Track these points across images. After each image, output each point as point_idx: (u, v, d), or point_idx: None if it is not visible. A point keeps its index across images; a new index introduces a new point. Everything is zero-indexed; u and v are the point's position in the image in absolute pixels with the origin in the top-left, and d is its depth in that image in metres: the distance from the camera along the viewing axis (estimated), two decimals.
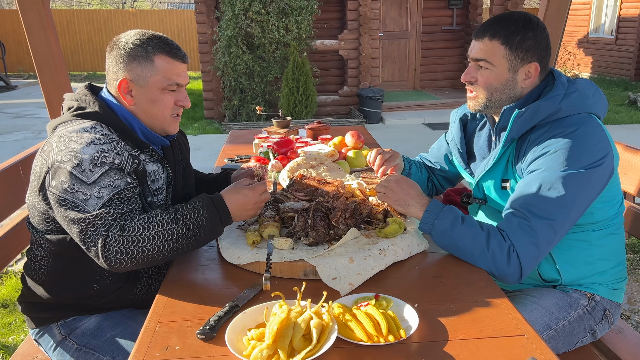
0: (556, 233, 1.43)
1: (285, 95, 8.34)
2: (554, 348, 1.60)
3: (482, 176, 1.67)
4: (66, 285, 1.56)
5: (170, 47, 1.53)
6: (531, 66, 1.56)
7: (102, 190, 1.36)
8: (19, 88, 13.85)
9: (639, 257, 3.76)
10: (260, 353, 1.04)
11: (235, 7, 8.13)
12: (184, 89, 1.60)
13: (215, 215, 1.42)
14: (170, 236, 1.36)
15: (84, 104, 1.52)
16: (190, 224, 1.39)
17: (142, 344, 1.13)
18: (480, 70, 1.59)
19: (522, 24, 1.54)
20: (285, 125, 3.10)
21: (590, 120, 1.52)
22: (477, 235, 1.44)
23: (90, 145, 1.38)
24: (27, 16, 2.65)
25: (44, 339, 1.61)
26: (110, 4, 26.03)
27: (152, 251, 1.36)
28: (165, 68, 1.52)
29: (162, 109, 1.55)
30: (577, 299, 1.62)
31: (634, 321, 2.98)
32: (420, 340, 1.12)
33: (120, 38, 1.54)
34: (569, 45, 14.76)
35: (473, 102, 1.66)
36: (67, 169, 1.36)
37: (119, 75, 1.52)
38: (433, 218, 1.48)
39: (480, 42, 1.58)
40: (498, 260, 1.42)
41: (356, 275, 1.35)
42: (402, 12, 10.38)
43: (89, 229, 1.34)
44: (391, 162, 1.83)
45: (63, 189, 1.36)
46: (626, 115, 9.12)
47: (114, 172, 1.39)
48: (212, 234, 1.43)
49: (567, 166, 1.44)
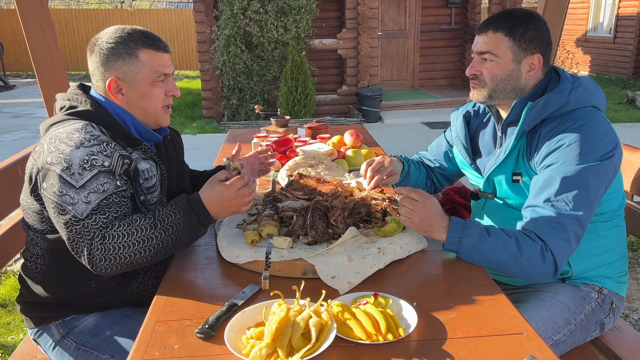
0: (583, 227, 1.45)
1: (284, 94, 8.34)
2: (573, 343, 1.62)
3: (493, 170, 1.68)
4: (63, 283, 1.56)
5: (152, 39, 1.53)
6: (534, 58, 1.59)
7: (91, 195, 1.37)
8: (18, 87, 13.83)
9: (637, 255, 3.77)
10: (259, 352, 1.04)
11: (233, 6, 8.12)
12: (171, 78, 1.60)
13: (193, 218, 1.40)
14: (151, 241, 1.37)
15: (76, 103, 1.52)
16: (169, 227, 1.38)
17: (141, 343, 1.13)
18: (485, 63, 1.62)
19: (524, 17, 1.59)
20: (284, 125, 3.10)
21: (597, 113, 1.55)
22: (507, 244, 1.42)
23: (79, 147, 1.38)
24: (25, 15, 2.64)
25: (42, 338, 1.61)
26: (108, 3, 25.99)
27: (134, 256, 1.37)
28: (150, 61, 1.52)
29: (154, 102, 1.55)
30: (588, 292, 1.64)
31: (633, 319, 2.99)
32: (419, 338, 1.12)
33: (99, 38, 1.52)
34: (568, 44, 14.77)
35: (477, 93, 1.67)
36: (57, 171, 1.37)
37: (106, 76, 1.51)
38: (459, 237, 1.43)
39: (484, 36, 1.61)
40: (534, 264, 1.42)
41: (355, 274, 1.35)
42: (401, 11, 10.38)
43: (76, 237, 1.36)
44: (382, 172, 1.82)
45: (52, 191, 1.37)
46: (624, 113, 9.13)
47: (103, 175, 1.39)
48: (192, 235, 1.42)
49: (584, 159, 1.46)
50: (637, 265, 3.62)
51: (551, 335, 1.54)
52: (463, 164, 1.88)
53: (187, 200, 1.42)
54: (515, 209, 1.65)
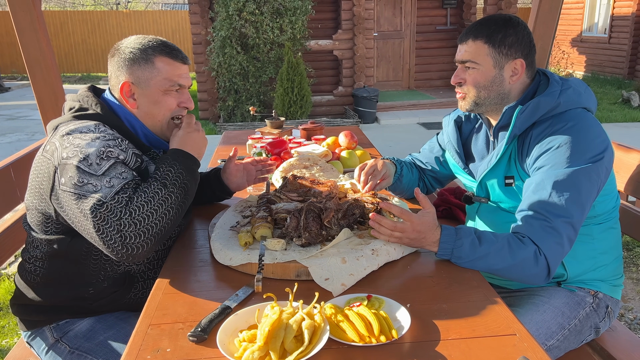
0: (576, 229, 1.46)
1: (280, 95, 8.33)
2: (566, 348, 1.62)
3: (485, 174, 1.68)
4: (60, 287, 1.56)
5: (170, 49, 1.55)
6: (517, 62, 1.59)
7: (113, 180, 1.37)
8: (13, 90, 13.78)
9: (632, 255, 3.78)
10: (251, 355, 1.03)
11: (229, 7, 8.12)
12: (187, 90, 1.61)
13: (188, 163, 1.50)
14: (170, 200, 1.41)
15: (86, 105, 1.53)
16: (175, 181, 1.44)
17: (133, 346, 1.12)
18: (468, 71, 1.63)
19: (502, 23, 1.59)
20: (278, 126, 3.09)
21: (587, 115, 1.56)
22: (499, 250, 1.42)
23: (95, 140, 1.40)
24: (18, 17, 2.63)
25: (36, 341, 1.60)
26: (104, 5, 25.95)
27: (162, 221, 1.39)
28: (166, 70, 1.53)
29: (163, 110, 1.56)
30: (583, 297, 1.64)
31: (628, 319, 2.99)
32: (412, 340, 1.12)
33: (121, 43, 1.56)
34: (563, 44, 14.82)
35: (463, 102, 1.68)
36: (74, 163, 1.36)
37: (120, 79, 1.54)
38: (451, 247, 1.44)
39: (465, 45, 1.63)
40: (526, 267, 1.43)
41: (348, 276, 1.35)
42: (396, 12, 10.40)
43: (102, 224, 1.31)
44: (376, 176, 1.81)
45: (72, 183, 1.36)
46: (620, 113, 9.17)
47: (120, 165, 1.41)
48: (194, 181, 1.51)
49: (575, 161, 1.46)
50: (632, 265, 3.64)
51: (545, 341, 1.53)
52: (456, 168, 1.88)
53: (175, 152, 1.51)
54: (509, 212, 1.65)
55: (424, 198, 1.50)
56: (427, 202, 1.49)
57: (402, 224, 1.44)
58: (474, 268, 1.44)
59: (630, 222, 2.02)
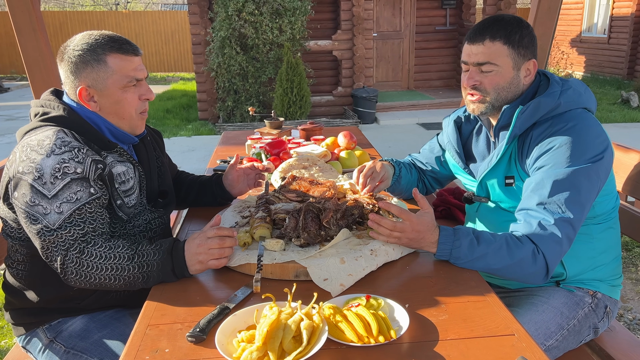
0: (575, 229, 1.46)
1: (280, 96, 8.33)
2: (565, 348, 1.61)
3: (485, 174, 1.68)
4: (45, 288, 1.56)
5: (120, 44, 1.50)
6: (530, 63, 1.59)
7: (63, 206, 1.36)
8: (12, 90, 13.77)
9: (631, 255, 3.78)
10: (250, 355, 1.03)
11: (228, 8, 8.11)
12: (145, 82, 1.57)
13: (167, 265, 1.38)
14: (124, 271, 1.37)
15: (49, 109, 1.51)
16: (145, 264, 1.38)
17: (131, 347, 1.12)
18: (485, 73, 1.58)
19: (516, 24, 1.57)
20: (277, 126, 3.09)
21: (588, 115, 1.56)
22: (497, 250, 1.42)
23: (50, 155, 1.37)
24: (16, 18, 2.64)
25: (31, 344, 1.61)
26: (103, 6, 25.94)
27: (104, 280, 1.38)
28: (119, 66, 1.49)
29: (127, 108, 1.53)
30: (582, 297, 1.64)
31: (627, 319, 2.99)
32: (410, 340, 1.12)
33: (67, 46, 1.51)
34: (562, 45, 14.82)
35: (477, 105, 1.62)
36: (28, 181, 1.36)
37: (76, 84, 1.50)
38: (449, 248, 1.44)
39: (481, 45, 1.56)
40: (525, 266, 1.43)
41: (347, 276, 1.35)
42: (396, 12, 10.39)
43: (50, 246, 1.36)
44: (375, 179, 1.80)
45: (24, 201, 1.37)
46: (619, 114, 9.17)
47: (76, 183, 1.38)
48: (160, 280, 1.39)
49: (575, 161, 1.46)
50: (631, 265, 3.64)
51: (543, 341, 1.53)
52: (456, 168, 1.88)
53: (172, 244, 1.41)
54: (509, 212, 1.65)
55: (422, 198, 1.50)
56: (426, 203, 1.49)
57: (401, 224, 1.44)
58: (473, 268, 1.44)
59: (630, 223, 2.02)
